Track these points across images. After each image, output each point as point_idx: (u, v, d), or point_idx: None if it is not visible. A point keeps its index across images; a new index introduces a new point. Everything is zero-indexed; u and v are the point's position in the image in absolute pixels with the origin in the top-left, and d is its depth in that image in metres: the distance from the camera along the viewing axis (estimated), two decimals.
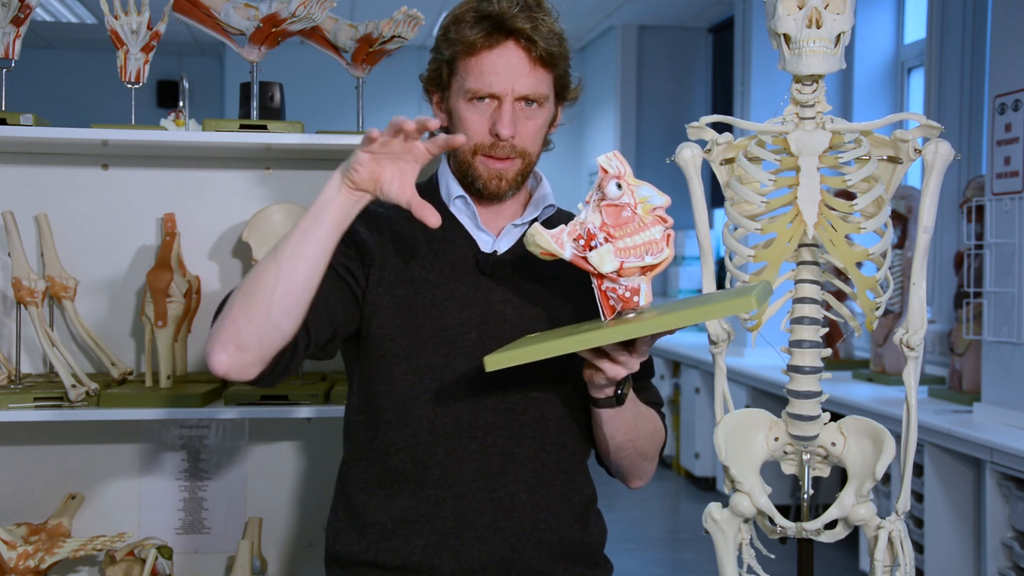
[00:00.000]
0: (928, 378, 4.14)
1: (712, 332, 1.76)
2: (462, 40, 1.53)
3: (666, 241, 1.33)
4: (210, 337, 1.43)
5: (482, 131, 1.54)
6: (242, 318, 1.40)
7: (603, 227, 1.33)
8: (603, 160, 1.35)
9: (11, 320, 2.22)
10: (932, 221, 1.63)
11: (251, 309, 1.39)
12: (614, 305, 1.35)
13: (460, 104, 1.55)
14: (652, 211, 1.34)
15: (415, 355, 1.54)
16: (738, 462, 1.70)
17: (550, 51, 1.54)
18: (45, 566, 2.03)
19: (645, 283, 1.34)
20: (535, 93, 1.54)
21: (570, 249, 1.34)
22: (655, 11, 7.45)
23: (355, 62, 2.20)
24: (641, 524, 5.34)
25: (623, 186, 1.33)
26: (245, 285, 1.42)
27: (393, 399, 1.55)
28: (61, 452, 2.28)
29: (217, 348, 1.41)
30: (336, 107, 6.22)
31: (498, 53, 1.52)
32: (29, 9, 2.09)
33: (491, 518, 1.54)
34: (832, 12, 1.60)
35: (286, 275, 1.39)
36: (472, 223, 1.61)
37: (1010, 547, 3.12)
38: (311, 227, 1.40)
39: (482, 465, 1.54)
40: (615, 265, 1.32)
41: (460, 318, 1.55)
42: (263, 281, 1.39)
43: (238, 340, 1.40)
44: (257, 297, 1.39)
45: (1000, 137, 3.37)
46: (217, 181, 2.30)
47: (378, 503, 1.56)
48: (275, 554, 2.34)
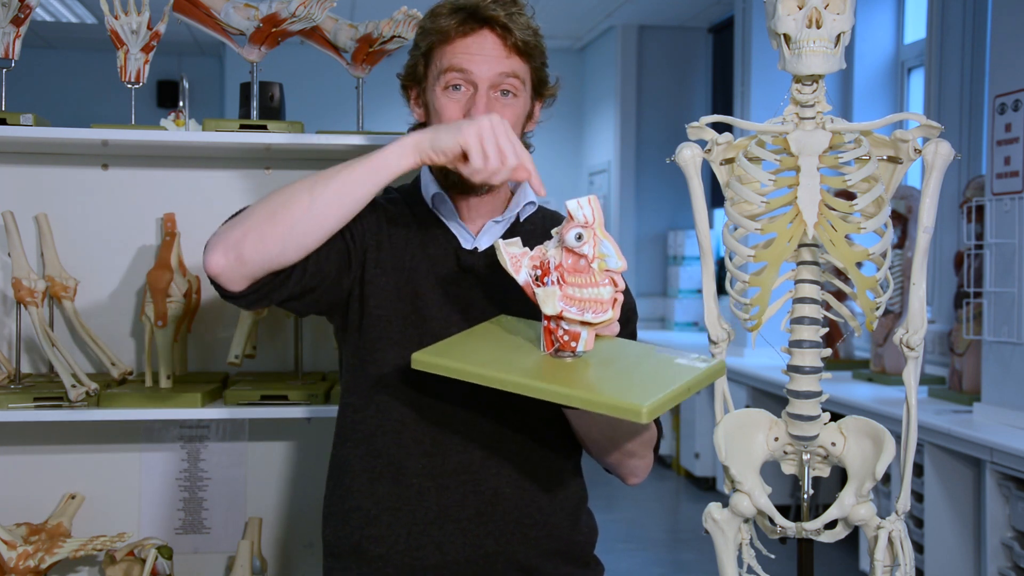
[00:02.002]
0: (928, 378, 4.14)
1: (712, 332, 1.76)
2: (437, 29, 1.55)
3: (612, 303, 1.34)
4: (216, 236, 1.44)
5: (457, 118, 1.54)
6: (255, 232, 1.41)
7: (559, 268, 1.34)
8: (572, 205, 1.34)
9: (11, 320, 2.22)
10: (932, 221, 1.63)
11: (269, 228, 1.41)
12: (553, 341, 1.36)
13: (435, 93, 1.56)
14: (606, 271, 1.34)
15: (404, 340, 1.56)
16: (738, 462, 1.70)
17: (525, 40, 1.55)
18: (45, 566, 2.03)
19: (587, 332, 1.35)
20: (510, 80, 1.55)
21: (524, 274, 1.35)
22: (655, 11, 7.45)
23: (355, 62, 2.20)
24: (641, 524, 5.34)
25: (584, 236, 1.33)
26: (270, 203, 1.43)
27: (382, 380, 1.57)
28: (61, 452, 2.28)
29: (219, 249, 1.42)
30: (336, 107, 6.23)
31: (473, 39, 1.54)
32: (29, 9, 2.09)
33: (474, 511, 1.55)
34: (832, 12, 1.60)
35: (318, 212, 1.41)
36: (453, 220, 1.62)
37: (1010, 547, 3.12)
38: (361, 180, 1.41)
39: (464, 458, 1.56)
40: (556, 309, 1.33)
41: (442, 312, 1.57)
42: (291, 207, 1.41)
43: (242, 250, 1.42)
44: (280, 220, 1.41)
45: (1000, 137, 3.37)
46: (217, 181, 2.30)
47: (361, 486, 1.57)
48: (275, 554, 2.34)
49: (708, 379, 1.37)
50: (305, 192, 1.42)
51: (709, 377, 1.37)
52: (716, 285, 1.79)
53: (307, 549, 2.34)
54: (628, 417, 1.23)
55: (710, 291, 1.78)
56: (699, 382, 1.34)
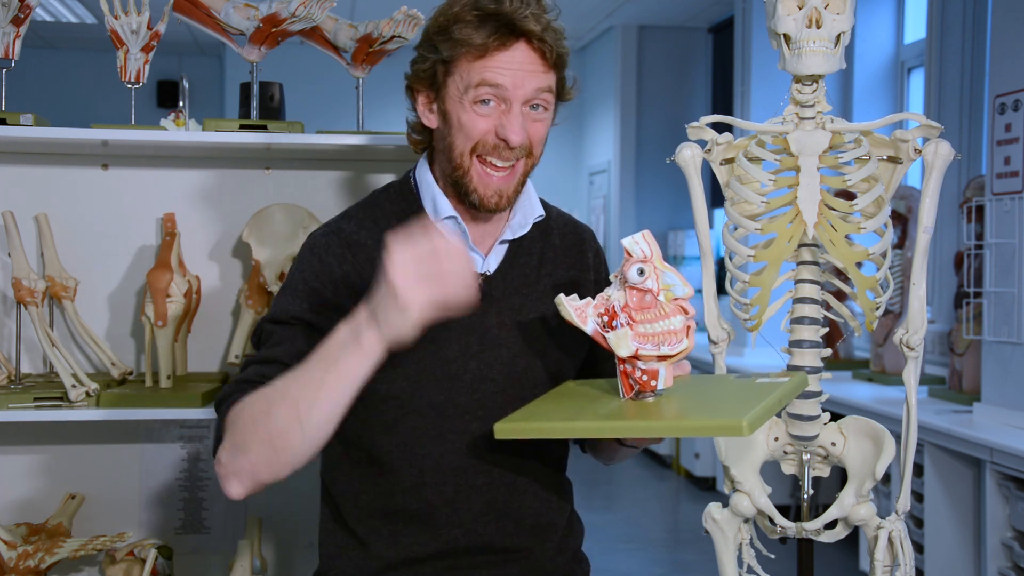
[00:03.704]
0: (928, 378, 4.14)
1: (712, 332, 1.76)
2: (468, 41, 1.44)
3: (686, 332, 1.31)
4: (224, 465, 1.35)
5: (487, 133, 1.47)
6: (264, 465, 1.33)
7: (626, 308, 1.32)
8: (628, 243, 1.32)
9: (11, 320, 2.22)
10: (932, 221, 1.63)
11: (275, 457, 1.32)
12: (632, 384, 1.34)
13: (461, 106, 1.46)
14: (674, 300, 1.32)
15: (415, 395, 1.49)
16: (738, 462, 1.70)
17: (560, 53, 1.48)
18: (45, 566, 2.03)
19: (665, 368, 1.33)
20: (544, 96, 1.49)
21: (592, 324, 1.33)
22: (655, 11, 7.45)
23: (355, 62, 2.20)
24: (641, 524, 5.34)
25: (646, 271, 1.31)
26: (262, 430, 1.31)
27: (395, 441, 1.51)
28: (61, 452, 2.28)
29: (234, 482, 1.35)
30: (336, 107, 6.22)
31: (511, 55, 1.44)
32: (29, 9, 2.09)
33: (502, 547, 1.54)
34: (832, 12, 1.60)
35: (313, 440, 1.31)
36: (462, 244, 1.57)
37: (1010, 547, 3.12)
38: (336, 392, 1.28)
39: (490, 499, 1.53)
40: (631, 350, 1.31)
41: (459, 349, 1.50)
42: (289, 441, 1.30)
43: (258, 479, 1.34)
44: (281, 454, 1.31)
45: (1000, 137, 3.38)
46: (217, 181, 2.30)
47: (382, 538, 1.53)
48: (275, 554, 2.34)
49: (794, 392, 1.40)
50: (293, 420, 1.29)
51: (795, 390, 1.40)
52: (716, 285, 1.79)
53: (307, 549, 2.34)
54: (730, 435, 1.23)
55: (710, 291, 1.78)
56: (788, 394, 1.36)
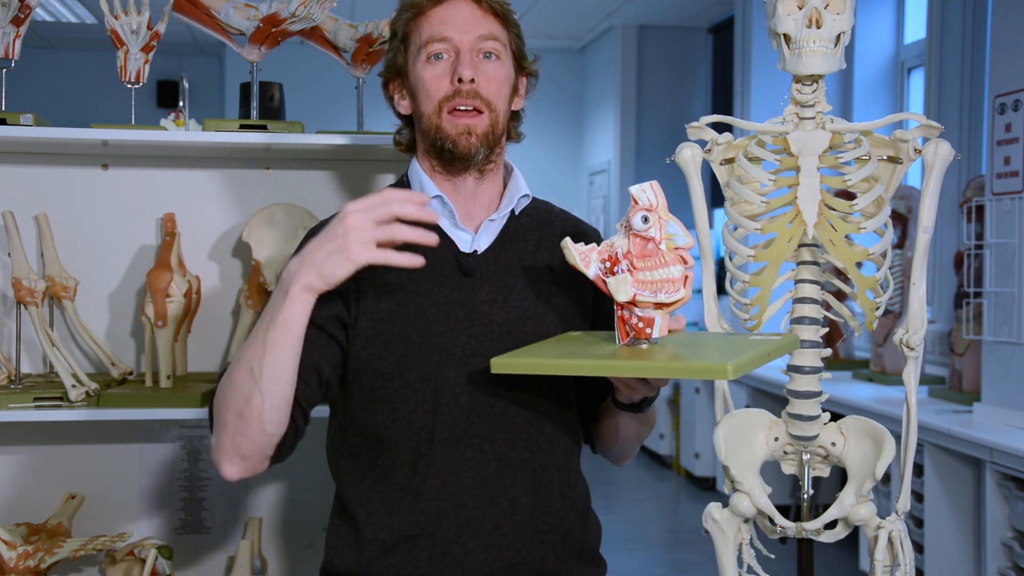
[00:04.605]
0: (928, 378, 4.14)
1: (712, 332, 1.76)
2: (410, 6, 1.56)
3: (683, 282, 1.35)
4: (214, 448, 1.48)
5: (443, 84, 1.53)
6: (239, 435, 1.44)
7: (628, 255, 1.36)
8: (635, 190, 1.36)
9: (11, 320, 2.22)
10: (932, 221, 1.63)
11: (245, 425, 1.43)
12: (628, 331, 1.37)
13: (418, 68, 1.55)
14: (675, 250, 1.35)
15: (405, 368, 1.52)
16: (738, 462, 1.70)
17: (500, 2, 1.57)
18: (45, 566, 2.03)
19: (660, 317, 1.35)
20: (491, 43, 1.55)
21: (594, 268, 1.37)
22: (655, 11, 7.45)
23: (355, 62, 2.20)
24: (641, 524, 5.34)
25: (650, 219, 1.35)
26: (232, 402, 1.44)
27: (392, 416, 1.53)
28: (61, 452, 2.28)
29: (224, 461, 1.47)
30: (336, 107, 6.23)
31: (446, 7, 1.55)
32: (29, 9, 2.09)
33: (493, 524, 1.52)
34: (832, 12, 1.60)
35: (272, 395, 1.42)
36: (450, 223, 1.58)
37: (1010, 547, 3.12)
38: (279, 344, 1.41)
39: (480, 472, 1.53)
40: (629, 295, 1.34)
41: (447, 324, 1.53)
42: (250, 400, 1.42)
43: (240, 452, 1.46)
44: (248, 414, 1.42)
45: (1000, 137, 3.38)
46: (217, 181, 2.30)
47: (378, 520, 1.53)
48: (275, 554, 2.34)
49: (784, 349, 1.44)
50: (250, 381, 1.42)
51: (784, 347, 1.44)
52: (716, 285, 1.79)
53: (307, 549, 2.34)
54: (715, 377, 1.27)
55: (710, 291, 1.78)
56: (777, 350, 1.39)
